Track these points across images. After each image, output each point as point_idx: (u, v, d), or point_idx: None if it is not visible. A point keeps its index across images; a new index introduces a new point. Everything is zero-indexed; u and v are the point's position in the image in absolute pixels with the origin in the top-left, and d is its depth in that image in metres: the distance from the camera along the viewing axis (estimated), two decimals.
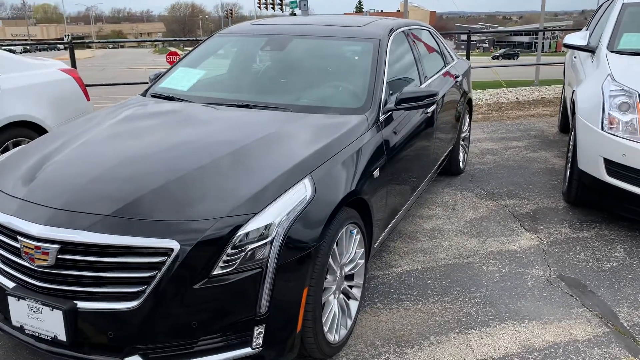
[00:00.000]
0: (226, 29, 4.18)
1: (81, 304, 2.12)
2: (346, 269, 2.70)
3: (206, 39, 4.10)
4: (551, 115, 8.19)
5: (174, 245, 2.05)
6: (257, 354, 2.20)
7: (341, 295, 2.69)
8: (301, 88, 3.45)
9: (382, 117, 3.16)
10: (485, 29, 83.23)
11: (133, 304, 2.06)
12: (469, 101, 5.34)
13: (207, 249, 2.08)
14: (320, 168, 2.50)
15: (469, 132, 5.58)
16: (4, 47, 7.55)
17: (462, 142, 5.35)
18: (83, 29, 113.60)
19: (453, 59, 5.19)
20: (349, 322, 2.74)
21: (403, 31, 4.04)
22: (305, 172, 2.43)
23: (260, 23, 4.15)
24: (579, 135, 4.10)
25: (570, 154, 4.40)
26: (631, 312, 2.98)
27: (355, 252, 2.78)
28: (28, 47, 70.95)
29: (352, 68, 3.56)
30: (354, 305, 2.81)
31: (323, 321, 2.45)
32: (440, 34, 5.39)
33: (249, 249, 2.13)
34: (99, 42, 35.96)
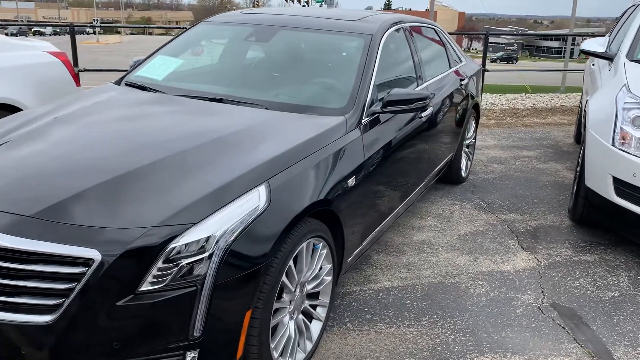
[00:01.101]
0: (215, 17, 3.92)
1: None
2: (308, 287, 2.44)
3: (192, 26, 3.86)
4: (569, 124, 7.80)
5: (95, 255, 1.81)
6: None
7: (300, 316, 2.43)
8: (282, 84, 3.19)
9: (365, 120, 2.89)
10: (514, 32, 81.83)
11: (47, 318, 1.83)
12: (476, 106, 5.02)
13: (133, 261, 1.83)
14: (280, 174, 2.24)
15: (475, 138, 5.26)
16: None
17: (466, 149, 5.04)
18: (113, 14, 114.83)
19: (460, 61, 4.88)
20: (309, 345, 2.49)
21: (402, 28, 3.75)
22: (262, 179, 2.17)
23: (251, 12, 3.89)
24: (587, 150, 3.77)
25: (578, 169, 4.07)
26: (628, 352, 2.67)
27: (321, 269, 2.52)
28: (58, 30, 71.78)
29: (338, 65, 3.28)
30: (316, 326, 2.55)
31: (273, 345, 2.19)
32: (456, 33, 5.07)
33: (182, 264, 1.88)
34: (98, 27, 35.79)
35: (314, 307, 2.56)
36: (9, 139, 2.48)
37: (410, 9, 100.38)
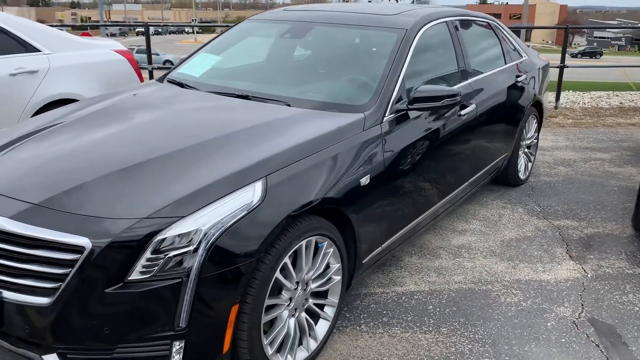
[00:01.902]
0: (259, 14, 3.98)
1: (5, 294, 2.03)
2: (312, 285, 2.42)
3: (236, 24, 3.94)
4: None
5: (85, 243, 1.90)
6: None
7: (303, 314, 2.41)
8: (309, 80, 3.18)
9: (388, 117, 2.81)
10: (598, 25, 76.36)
11: (47, 300, 1.94)
12: (537, 104, 4.73)
13: (121, 251, 1.90)
14: (280, 171, 2.23)
15: (537, 138, 4.96)
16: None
17: (525, 150, 4.76)
18: (211, 14, 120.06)
19: (521, 56, 4.61)
20: (313, 344, 2.46)
21: (445, 22, 3.60)
22: (260, 175, 2.17)
23: (293, 9, 3.91)
24: None
25: None
26: None
27: (329, 268, 2.49)
28: (160, 30, 75.94)
29: (367, 61, 3.21)
30: (323, 325, 2.53)
31: (266, 342, 2.19)
32: (531, 28, 4.79)
33: (169, 255, 1.92)
34: (166, 25, 37.11)
35: (321, 306, 2.53)
36: (43, 131, 2.65)
37: (507, 2, 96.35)
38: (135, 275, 1.92)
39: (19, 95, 4.32)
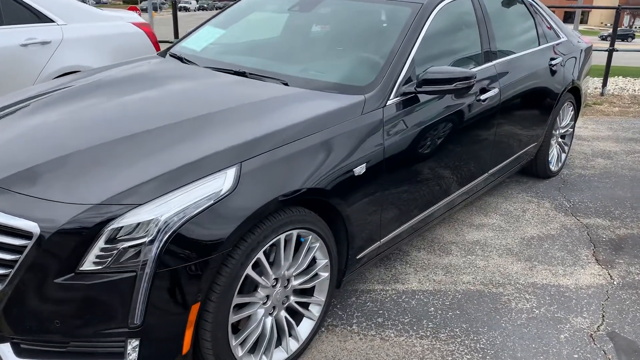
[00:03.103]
0: None
1: None
2: (294, 282, 2.22)
3: None
4: None
5: (33, 228, 1.75)
6: None
7: (282, 313, 2.22)
8: (313, 58, 2.93)
9: (393, 101, 2.56)
10: None
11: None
12: (575, 90, 4.34)
13: (72, 239, 1.75)
14: (258, 157, 2.02)
15: (573, 127, 4.57)
16: None
17: (559, 140, 4.40)
18: None
19: (558, 37, 4.22)
20: (294, 345, 2.28)
21: None
22: (234, 161, 1.97)
23: None
24: None
25: None
26: None
27: (315, 263, 2.29)
28: (206, 5, 76.23)
29: (377, 37, 2.94)
30: (307, 325, 2.33)
31: (235, 343, 2.02)
32: (573, 8, 4.40)
33: (123, 246, 1.75)
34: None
35: (305, 304, 2.33)
36: (30, 103, 2.52)
37: None
38: (87, 266, 1.76)
39: (30, 67, 4.24)
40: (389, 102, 2.54)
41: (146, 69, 2.91)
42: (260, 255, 2.00)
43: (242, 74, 2.76)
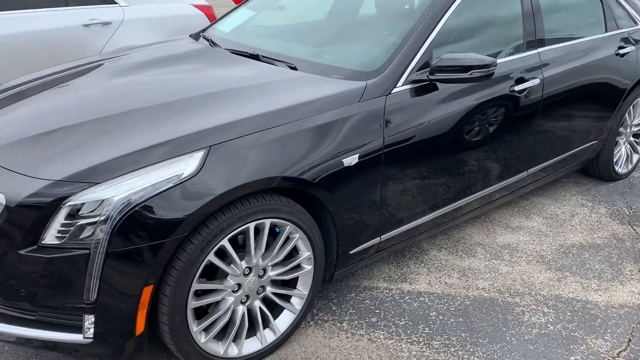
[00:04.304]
0: None
1: None
2: (271, 273, 2.16)
3: None
4: None
5: (0, 198, 1.82)
6: (89, 345, 1.88)
7: (257, 302, 2.17)
8: (328, 41, 2.81)
9: (400, 89, 2.39)
10: None
11: None
12: None
13: (33, 212, 1.80)
14: (231, 142, 1.96)
15: None
16: None
17: (631, 139, 3.95)
18: None
19: (635, 24, 3.75)
20: (270, 337, 2.22)
21: None
22: (204, 144, 1.93)
23: None
24: None
25: None
26: None
27: (298, 254, 2.21)
28: None
29: (396, 20, 2.76)
30: (286, 317, 2.27)
31: (196, 329, 1.99)
32: None
33: (79, 223, 1.78)
34: None
35: (286, 296, 2.26)
36: (54, 79, 2.63)
37: None
38: (49, 240, 1.81)
39: (90, 47, 4.45)
40: (394, 90, 2.38)
41: (165, 51, 2.94)
42: (225, 242, 1.95)
43: (255, 56, 2.71)
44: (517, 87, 2.82)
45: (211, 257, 1.93)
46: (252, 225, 2.00)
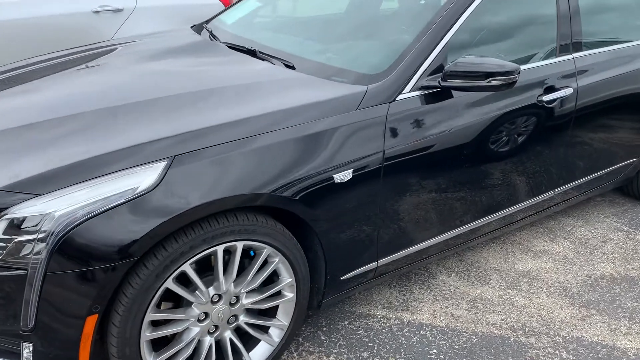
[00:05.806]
0: None
1: None
2: (245, 301, 1.90)
3: None
4: None
5: None
6: None
7: (228, 333, 1.91)
8: (334, 39, 2.53)
9: (407, 96, 2.10)
10: None
11: None
12: None
13: None
14: (198, 152, 1.71)
15: None
16: None
17: None
18: None
19: None
20: None
21: None
22: (167, 153, 1.68)
23: None
24: None
25: None
26: None
27: (279, 280, 1.94)
28: None
29: (410, 19, 2.45)
30: (262, 350, 2.01)
31: None
32: None
33: (17, 239, 1.55)
34: None
35: (263, 327, 2.00)
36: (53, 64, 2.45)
37: None
38: None
39: (97, 35, 4.26)
40: (400, 97, 2.08)
41: (158, 44, 2.71)
42: (187, 267, 1.70)
43: (252, 52, 2.45)
44: (546, 97, 2.49)
45: (169, 284, 1.69)
46: (220, 249, 1.75)
